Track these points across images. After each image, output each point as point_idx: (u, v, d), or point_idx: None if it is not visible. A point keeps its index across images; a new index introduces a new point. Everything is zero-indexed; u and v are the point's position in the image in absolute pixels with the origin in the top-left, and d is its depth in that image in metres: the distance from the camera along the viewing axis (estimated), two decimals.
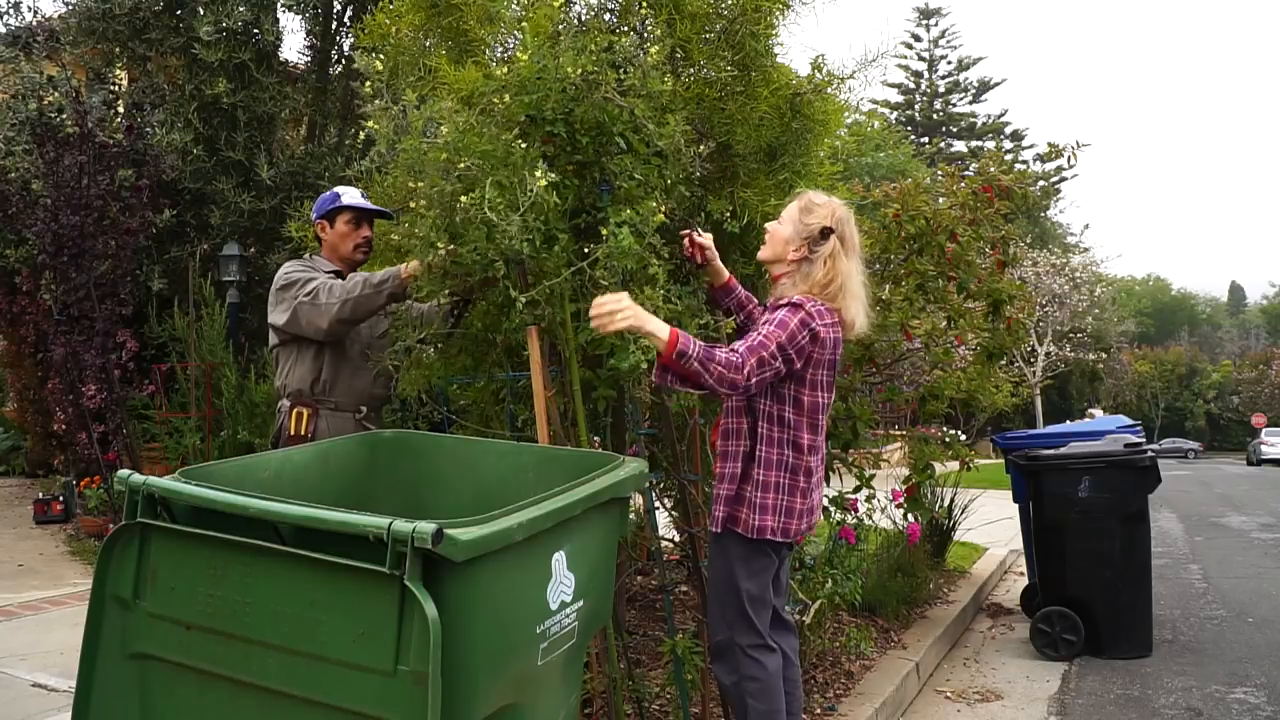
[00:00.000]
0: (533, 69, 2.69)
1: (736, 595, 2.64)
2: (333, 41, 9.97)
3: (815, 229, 2.69)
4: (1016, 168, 5.62)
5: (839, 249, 2.68)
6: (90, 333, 7.10)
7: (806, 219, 2.71)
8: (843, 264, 2.68)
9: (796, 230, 2.72)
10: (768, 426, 2.65)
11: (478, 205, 2.60)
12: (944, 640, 4.98)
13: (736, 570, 2.65)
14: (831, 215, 2.71)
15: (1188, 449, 40.42)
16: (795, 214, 2.75)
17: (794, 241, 2.72)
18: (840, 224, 2.71)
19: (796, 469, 2.65)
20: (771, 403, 2.65)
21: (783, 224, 2.77)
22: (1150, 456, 4.81)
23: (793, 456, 2.65)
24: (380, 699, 1.59)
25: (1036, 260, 30.38)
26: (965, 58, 49.14)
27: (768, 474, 2.64)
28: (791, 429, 2.65)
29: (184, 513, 1.82)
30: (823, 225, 2.68)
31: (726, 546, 2.68)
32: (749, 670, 2.63)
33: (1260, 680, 4.45)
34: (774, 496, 2.63)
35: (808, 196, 2.79)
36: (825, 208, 2.72)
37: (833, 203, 2.77)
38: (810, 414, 2.66)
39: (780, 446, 2.65)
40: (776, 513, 2.63)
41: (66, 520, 7.92)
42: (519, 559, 1.80)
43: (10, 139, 7.96)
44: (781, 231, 2.76)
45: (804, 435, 2.65)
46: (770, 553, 2.68)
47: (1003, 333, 4.97)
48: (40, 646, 4.43)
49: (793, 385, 2.63)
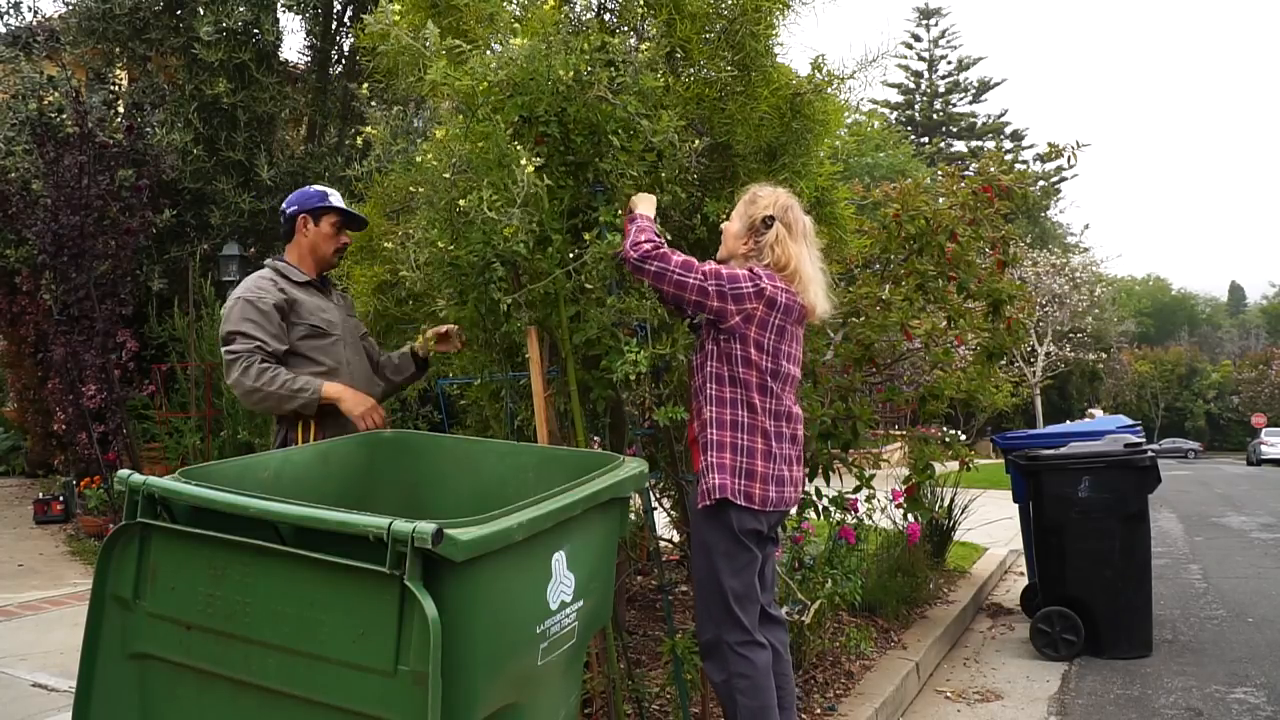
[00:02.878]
0: (526, 70, 2.70)
1: (721, 594, 2.64)
2: (333, 41, 9.98)
3: (758, 218, 2.77)
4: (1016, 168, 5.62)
5: (784, 234, 2.75)
6: (90, 333, 7.11)
7: (750, 209, 2.81)
8: (791, 247, 2.75)
9: (743, 223, 2.81)
10: (716, 387, 2.69)
11: (477, 207, 2.61)
12: (944, 640, 4.98)
13: (720, 568, 2.65)
14: (774, 203, 2.79)
15: (1188, 449, 40.40)
16: (741, 208, 2.84)
17: (741, 235, 2.81)
18: (783, 210, 2.78)
19: (753, 429, 2.66)
20: (720, 364, 2.69)
21: (732, 220, 2.87)
22: (1150, 456, 4.81)
23: (746, 416, 2.66)
24: (380, 699, 1.59)
25: (1036, 260, 30.37)
26: (965, 58, 49.16)
27: (720, 434, 2.66)
28: (741, 389, 2.67)
29: (184, 513, 1.82)
30: (765, 214, 2.77)
31: (708, 542, 2.67)
32: (738, 667, 2.63)
33: (1260, 680, 4.45)
34: (730, 457, 2.63)
35: (752, 190, 2.87)
36: (768, 197, 2.82)
37: (776, 192, 2.85)
38: (759, 374, 2.67)
39: (731, 407, 2.67)
40: (736, 474, 2.62)
41: (66, 520, 7.92)
42: (519, 559, 1.80)
43: (10, 139, 7.96)
44: (731, 227, 2.85)
45: (755, 396, 2.67)
46: (751, 546, 2.67)
47: (1003, 333, 4.97)
48: (40, 646, 4.43)
49: (738, 344, 2.66)
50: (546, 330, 2.97)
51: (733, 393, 2.67)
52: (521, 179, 2.59)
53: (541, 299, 2.88)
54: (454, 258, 2.82)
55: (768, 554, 2.81)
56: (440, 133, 2.80)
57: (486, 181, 2.65)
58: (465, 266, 2.83)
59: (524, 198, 2.62)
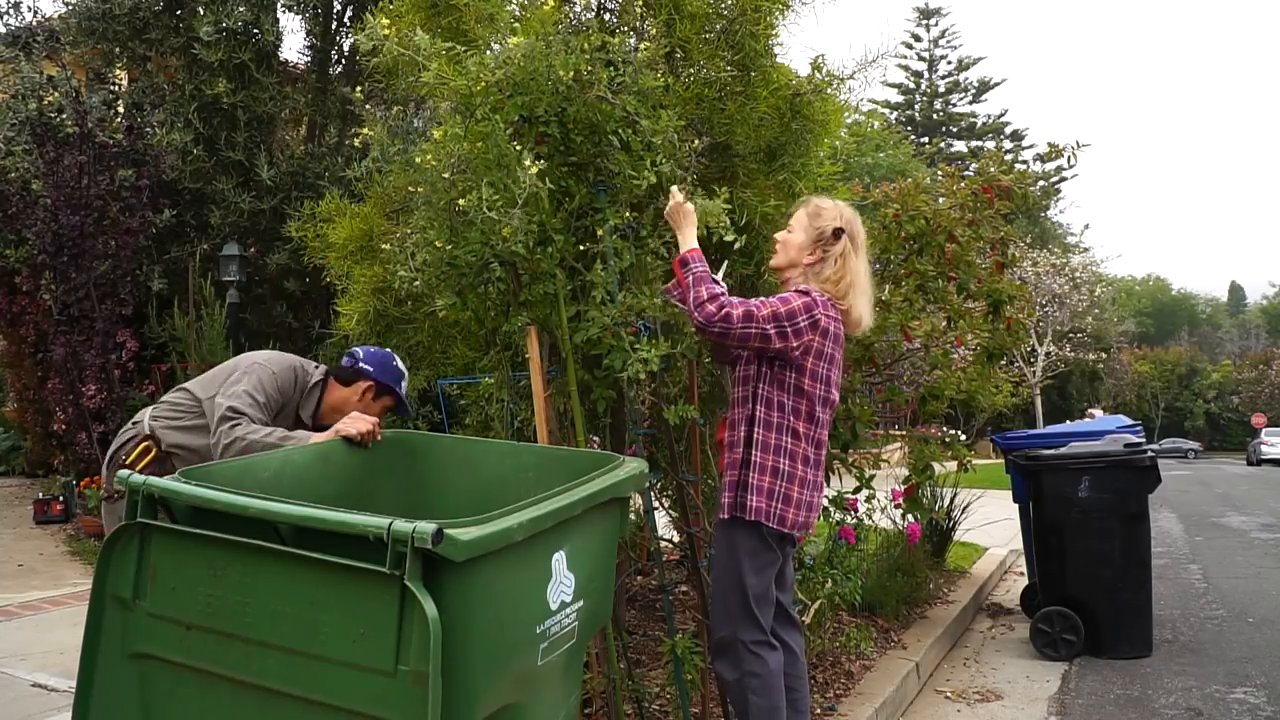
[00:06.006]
0: (525, 70, 2.70)
1: (741, 591, 2.66)
2: (333, 41, 9.98)
3: (828, 230, 2.79)
4: (1016, 168, 5.62)
5: (849, 248, 2.79)
6: (90, 333, 7.11)
7: (817, 223, 2.81)
8: (853, 262, 2.79)
9: (809, 235, 2.81)
10: (765, 411, 2.69)
11: (477, 207, 2.61)
12: (944, 640, 4.98)
13: (743, 566, 2.67)
14: (840, 216, 2.82)
15: (1188, 449, 40.39)
16: (805, 220, 2.84)
17: (808, 246, 2.81)
18: (849, 224, 2.82)
19: (794, 455, 2.69)
20: (771, 388, 2.70)
21: (794, 231, 2.86)
22: (1150, 456, 4.81)
23: (790, 443, 2.69)
24: (380, 699, 1.59)
25: (1036, 260, 30.36)
26: (965, 58, 49.19)
27: (765, 457, 2.67)
28: (790, 416, 2.69)
29: (184, 513, 1.82)
30: (835, 226, 2.79)
31: (732, 542, 2.70)
32: (751, 666, 2.65)
33: (1260, 680, 4.45)
34: (770, 480, 2.66)
35: (814, 202, 2.88)
36: (833, 210, 2.83)
37: (839, 205, 2.87)
38: (809, 403, 2.69)
39: (778, 432, 2.68)
40: (774, 498, 2.66)
41: (66, 520, 7.91)
42: (519, 559, 1.80)
43: (10, 139, 7.96)
44: (794, 239, 2.84)
45: (800, 424, 2.69)
46: (774, 548, 2.70)
47: (1003, 333, 4.97)
48: (40, 646, 4.43)
49: (793, 373, 2.68)
50: (546, 330, 2.97)
51: (780, 418, 2.69)
52: (524, 180, 2.59)
53: (541, 299, 2.88)
54: (452, 258, 2.82)
55: (787, 554, 2.84)
56: (439, 133, 2.80)
57: (486, 181, 2.65)
58: (463, 266, 2.82)
59: (525, 198, 2.62)
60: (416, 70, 2.90)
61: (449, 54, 2.80)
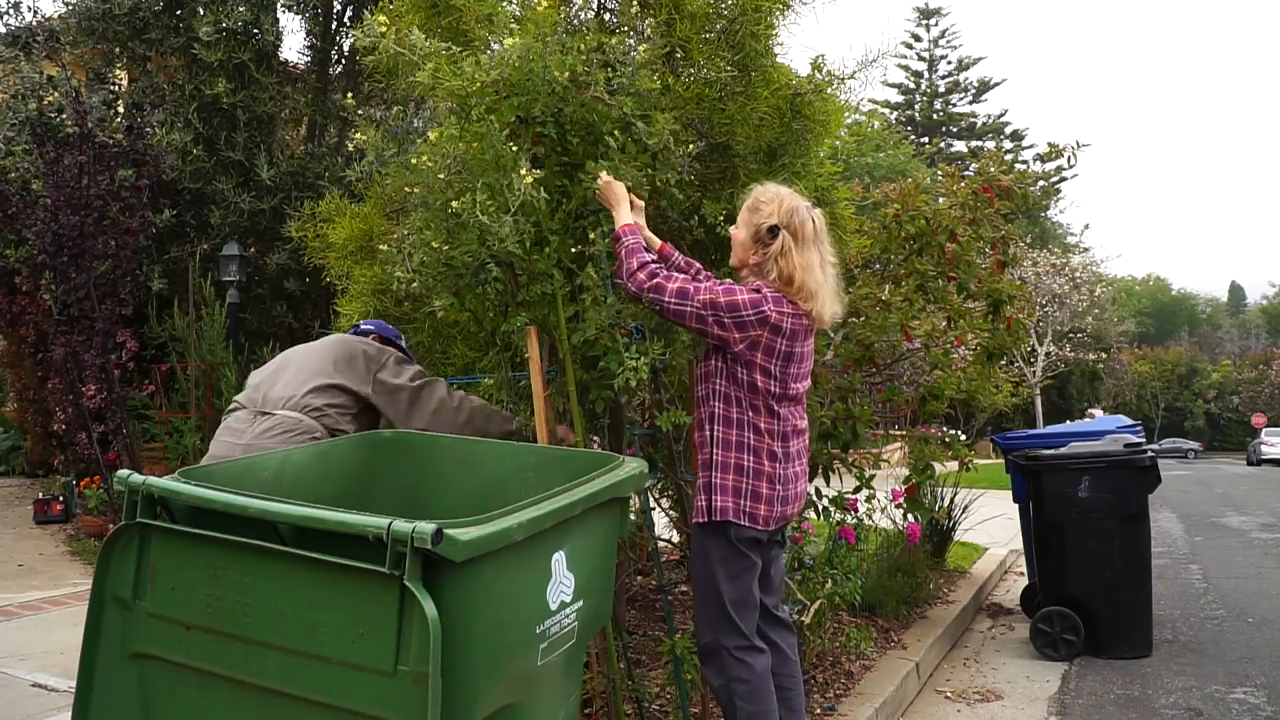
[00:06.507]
0: (521, 70, 2.70)
1: (718, 598, 2.61)
2: (333, 41, 9.98)
3: (763, 229, 2.62)
4: (1016, 168, 5.62)
5: (790, 244, 2.58)
6: (90, 333, 7.10)
7: (754, 219, 2.65)
8: (797, 258, 2.58)
9: (749, 232, 2.66)
10: (723, 407, 2.63)
11: (470, 209, 2.61)
12: (944, 640, 4.98)
13: (716, 573, 2.62)
14: (779, 209, 2.61)
15: (1188, 449, 40.37)
16: (745, 215, 2.68)
17: (749, 244, 2.67)
18: (788, 215, 2.60)
19: (759, 451, 2.60)
20: (728, 384, 2.62)
21: (738, 228, 2.71)
22: (1150, 456, 4.81)
23: (752, 439, 2.60)
24: (380, 699, 1.59)
25: (1036, 260, 30.34)
26: (965, 58, 49.15)
27: (725, 455, 2.61)
28: (749, 411, 2.60)
29: (184, 513, 1.82)
30: (769, 224, 2.60)
31: (706, 547, 2.65)
32: (736, 672, 2.61)
33: (1260, 680, 4.45)
34: (735, 478, 2.59)
35: (754, 194, 2.70)
36: (771, 203, 2.63)
37: (780, 195, 2.65)
38: (764, 399, 2.60)
39: (737, 428, 2.61)
40: (741, 495, 2.58)
41: (66, 520, 7.91)
42: (519, 559, 1.80)
43: (10, 139, 7.96)
44: (738, 235, 2.71)
45: (761, 419, 2.60)
46: (748, 553, 2.63)
47: (1003, 333, 4.97)
48: (40, 646, 4.43)
49: (743, 369, 2.59)
50: (545, 330, 2.97)
51: (739, 413, 2.61)
52: (519, 188, 2.58)
53: (539, 299, 2.87)
54: (449, 258, 2.81)
55: (773, 557, 2.78)
56: (435, 134, 2.80)
57: (481, 183, 2.65)
58: (460, 267, 2.82)
59: (518, 206, 2.61)
60: (415, 70, 2.90)
61: (447, 54, 2.80)
